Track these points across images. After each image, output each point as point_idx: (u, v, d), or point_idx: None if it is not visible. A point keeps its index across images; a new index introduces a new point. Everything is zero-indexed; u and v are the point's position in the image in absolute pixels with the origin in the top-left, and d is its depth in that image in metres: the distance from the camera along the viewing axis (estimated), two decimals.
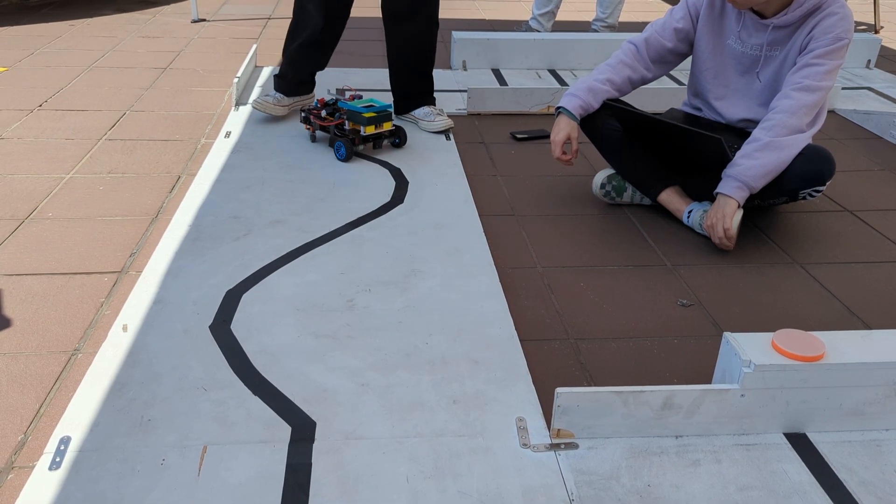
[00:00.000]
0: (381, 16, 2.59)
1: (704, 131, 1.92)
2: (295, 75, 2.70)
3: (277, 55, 3.66)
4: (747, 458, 1.27)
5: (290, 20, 2.62)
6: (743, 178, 1.87)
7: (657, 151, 2.12)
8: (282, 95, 2.73)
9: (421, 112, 2.73)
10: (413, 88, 2.73)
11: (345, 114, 2.41)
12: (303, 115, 2.50)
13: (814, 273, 1.88)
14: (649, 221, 2.11)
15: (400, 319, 1.60)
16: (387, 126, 2.43)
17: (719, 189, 1.92)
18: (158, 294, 1.65)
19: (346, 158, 2.37)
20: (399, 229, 1.98)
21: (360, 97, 2.47)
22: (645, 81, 2.14)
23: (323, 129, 2.47)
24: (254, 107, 2.69)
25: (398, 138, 2.51)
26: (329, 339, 1.52)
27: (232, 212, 2.03)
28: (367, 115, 2.35)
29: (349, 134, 2.40)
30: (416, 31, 2.59)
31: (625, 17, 4.93)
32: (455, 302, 1.67)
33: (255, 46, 3.36)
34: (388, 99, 2.71)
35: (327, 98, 2.55)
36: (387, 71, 2.63)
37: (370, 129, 2.37)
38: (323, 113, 2.45)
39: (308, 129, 2.51)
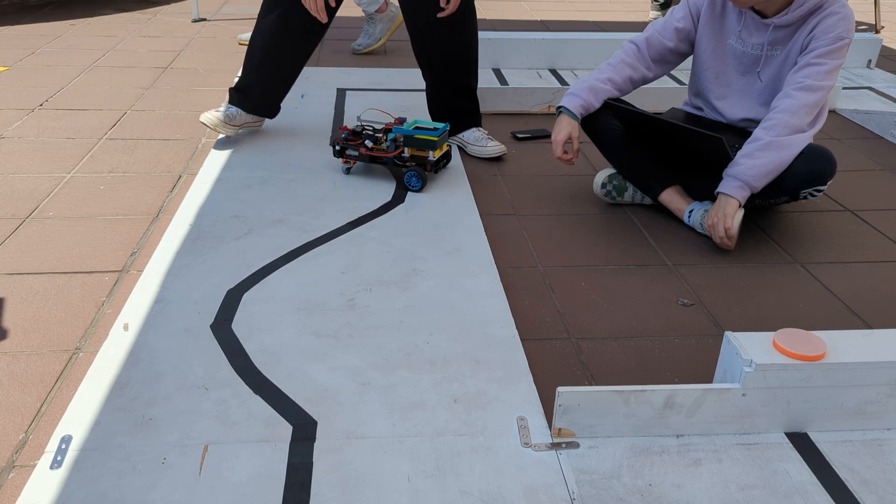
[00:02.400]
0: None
1: (705, 131, 1.92)
2: (264, 92, 2.44)
3: None
4: (748, 457, 1.27)
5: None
6: (744, 178, 1.87)
7: (658, 151, 2.12)
8: (237, 111, 2.46)
9: (470, 136, 2.49)
10: (457, 106, 2.47)
11: (400, 140, 2.19)
12: (337, 147, 2.25)
13: (815, 272, 1.88)
14: (650, 221, 2.11)
15: (401, 319, 1.60)
16: (444, 147, 2.24)
17: (720, 189, 1.92)
18: (159, 293, 1.65)
19: (422, 188, 2.19)
20: (400, 229, 1.98)
21: (405, 120, 2.27)
22: (646, 81, 2.14)
23: (375, 160, 2.23)
24: (202, 120, 2.42)
25: (447, 158, 2.30)
26: (330, 339, 1.52)
27: (233, 211, 2.03)
28: (433, 138, 2.15)
29: (410, 161, 2.20)
30: (452, 40, 2.35)
31: (624, 16, 4.94)
32: (456, 301, 1.67)
33: None
34: (395, 106, 2.69)
35: (353, 126, 2.33)
36: (388, 70, 2.61)
37: (438, 153, 2.19)
38: (368, 143, 2.20)
39: (346, 162, 2.27)
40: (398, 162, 2.21)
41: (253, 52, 2.38)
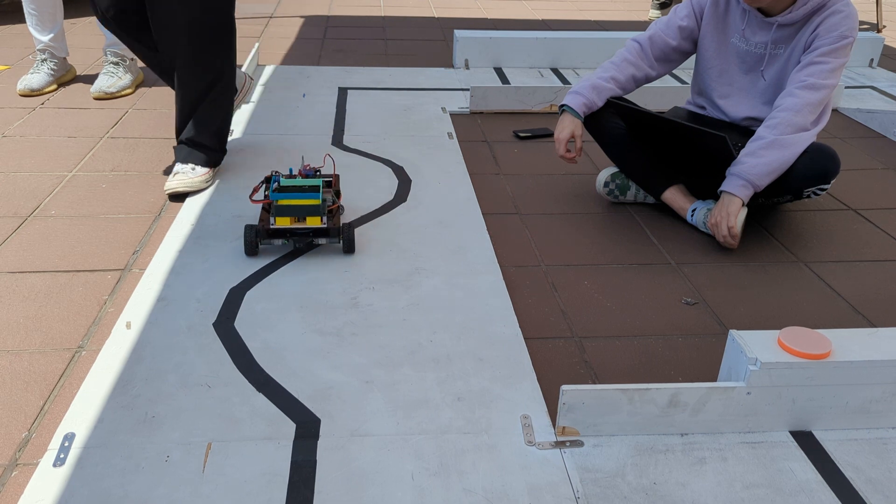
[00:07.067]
0: (381, 15, 2.46)
1: (708, 129, 1.91)
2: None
3: (280, 53, 3.65)
4: (753, 456, 1.26)
5: (287, 25, 2.27)
6: (747, 177, 1.87)
7: (661, 150, 2.12)
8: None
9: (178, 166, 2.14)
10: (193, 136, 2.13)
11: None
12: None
13: (818, 271, 1.88)
14: (653, 220, 2.10)
15: (404, 317, 1.59)
16: (312, 222, 1.76)
17: (723, 187, 1.91)
18: (162, 292, 1.65)
19: (246, 251, 1.78)
20: (402, 227, 1.98)
21: (307, 175, 1.83)
22: (649, 80, 2.14)
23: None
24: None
25: (340, 240, 1.79)
26: (333, 337, 1.52)
27: (235, 210, 2.03)
28: (281, 202, 1.74)
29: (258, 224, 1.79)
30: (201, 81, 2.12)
31: (625, 16, 4.93)
32: (459, 300, 1.66)
33: (256, 45, 3.36)
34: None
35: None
36: (389, 69, 2.59)
37: (283, 222, 1.76)
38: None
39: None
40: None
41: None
